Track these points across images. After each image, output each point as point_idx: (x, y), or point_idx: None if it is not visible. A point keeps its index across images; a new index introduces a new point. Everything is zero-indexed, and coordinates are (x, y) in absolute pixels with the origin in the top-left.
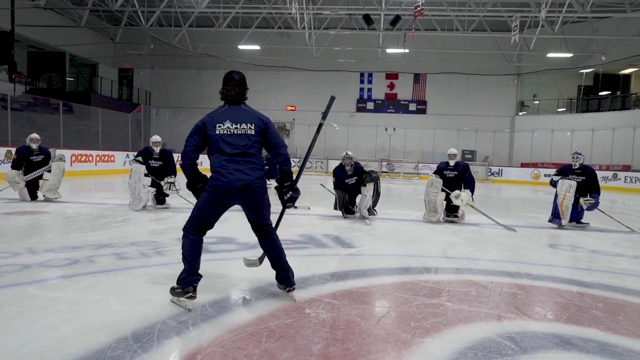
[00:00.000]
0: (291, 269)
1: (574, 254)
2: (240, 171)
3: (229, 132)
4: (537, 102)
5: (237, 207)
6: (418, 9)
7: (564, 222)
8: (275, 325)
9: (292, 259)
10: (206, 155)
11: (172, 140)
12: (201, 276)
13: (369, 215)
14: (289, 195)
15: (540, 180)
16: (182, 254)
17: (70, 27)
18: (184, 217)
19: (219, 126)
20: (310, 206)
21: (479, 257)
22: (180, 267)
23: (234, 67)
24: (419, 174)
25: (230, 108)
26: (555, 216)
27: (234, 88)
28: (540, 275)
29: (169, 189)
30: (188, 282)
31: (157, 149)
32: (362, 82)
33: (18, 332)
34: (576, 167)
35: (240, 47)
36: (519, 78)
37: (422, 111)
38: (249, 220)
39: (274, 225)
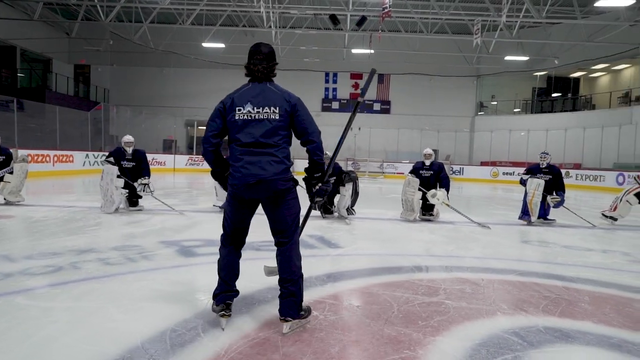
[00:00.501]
0: (296, 298)
1: (549, 250)
2: (254, 164)
3: (249, 117)
4: (495, 102)
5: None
6: (385, 10)
7: (533, 219)
8: (279, 331)
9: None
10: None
11: (135, 140)
12: (236, 293)
13: (348, 214)
14: (318, 187)
15: (499, 178)
16: (217, 268)
17: (21, 20)
18: (160, 219)
19: (239, 110)
20: None
21: (462, 255)
22: (170, 272)
23: (197, 65)
24: (384, 173)
25: (254, 87)
26: (525, 213)
27: (261, 62)
28: (525, 271)
29: (143, 191)
30: (220, 299)
31: (129, 150)
32: (327, 81)
33: (20, 344)
34: (544, 167)
35: (205, 45)
36: (478, 79)
37: (386, 111)
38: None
39: (299, 227)
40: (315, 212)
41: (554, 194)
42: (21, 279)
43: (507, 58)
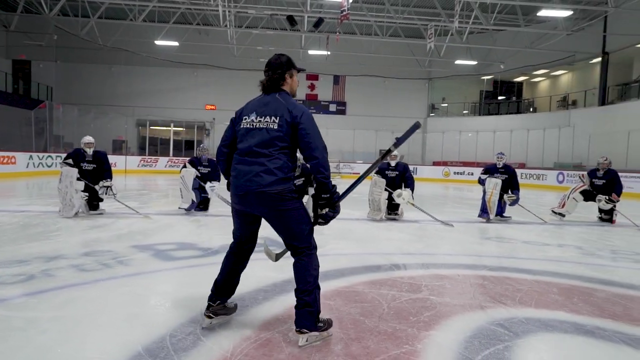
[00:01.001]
0: (311, 308)
1: (511, 246)
2: (246, 174)
3: (251, 126)
4: (446, 104)
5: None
6: (344, 13)
7: (491, 216)
8: (286, 329)
9: (266, 262)
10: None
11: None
12: (224, 298)
13: None
14: (325, 212)
15: (450, 177)
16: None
17: None
18: (126, 223)
19: (245, 119)
20: None
21: (434, 252)
22: (151, 277)
23: (150, 64)
24: (340, 173)
25: (263, 97)
26: (484, 211)
27: (267, 73)
28: (494, 266)
29: (105, 194)
30: (209, 299)
31: (89, 151)
32: None
33: (13, 356)
34: (500, 167)
35: (158, 42)
36: (430, 82)
37: (342, 112)
38: None
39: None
40: None
41: (510, 192)
42: None
43: (458, 62)
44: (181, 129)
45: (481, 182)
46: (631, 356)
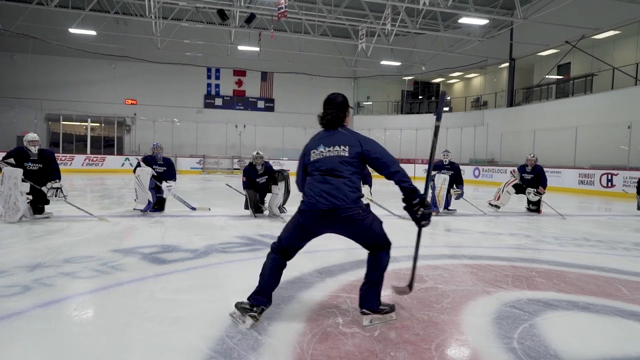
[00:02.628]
0: (377, 289)
1: (472, 236)
2: (328, 192)
3: (322, 155)
4: (371, 103)
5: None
6: (281, 10)
7: (440, 209)
8: (334, 322)
9: (261, 261)
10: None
11: None
12: (270, 302)
13: (280, 213)
14: (421, 212)
15: (374, 173)
16: (261, 271)
17: None
18: (84, 226)
19: (313, 152)
20: (210, 207)
21: (409, 245)
22: (162, 281)
23: (63, 53)
24: None
25: (327, 132)
26: (434, 205)
27: (331, 111)
28: (471, 255)
29: (55, 196)
30: (256, 301)
31: (34, 149)
32: (209, 77)
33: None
34: (446, 163)
35: (72, 31)
36: (355, 81)
37: (270, 109)
38: None
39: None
40: (245, 212)
41: (455, 187)
42: None
43: (383, 62)
44: (98, 124)
45: (430, 178)
46: (627, 325)
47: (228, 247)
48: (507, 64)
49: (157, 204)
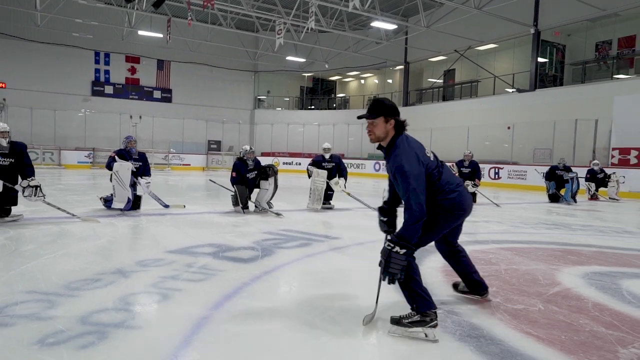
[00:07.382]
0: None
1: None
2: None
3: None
4: (272, 97)
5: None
6: None
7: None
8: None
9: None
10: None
11: None
12: None
13: (269, 208)
14: (387, 246)
15: (280, 167)
16: (413, 279)
17: None
18: (80, 228)
19: (429, 156)
20: (185, 204)
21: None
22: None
23: None
24: (169, 164)
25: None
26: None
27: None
28: (482, 240)
29: (33, 195)
30: (428, 305)
31: (4, 142)
32: (97, 62)
33: None
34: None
35: None
36: (256, 75)
37: (167, 99)
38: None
39: None
40: (227, 208)
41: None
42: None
43: (289, 58)
44: None
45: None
46: None
47: (277, 242)
48: (401, 67)
49: (133, 202)
